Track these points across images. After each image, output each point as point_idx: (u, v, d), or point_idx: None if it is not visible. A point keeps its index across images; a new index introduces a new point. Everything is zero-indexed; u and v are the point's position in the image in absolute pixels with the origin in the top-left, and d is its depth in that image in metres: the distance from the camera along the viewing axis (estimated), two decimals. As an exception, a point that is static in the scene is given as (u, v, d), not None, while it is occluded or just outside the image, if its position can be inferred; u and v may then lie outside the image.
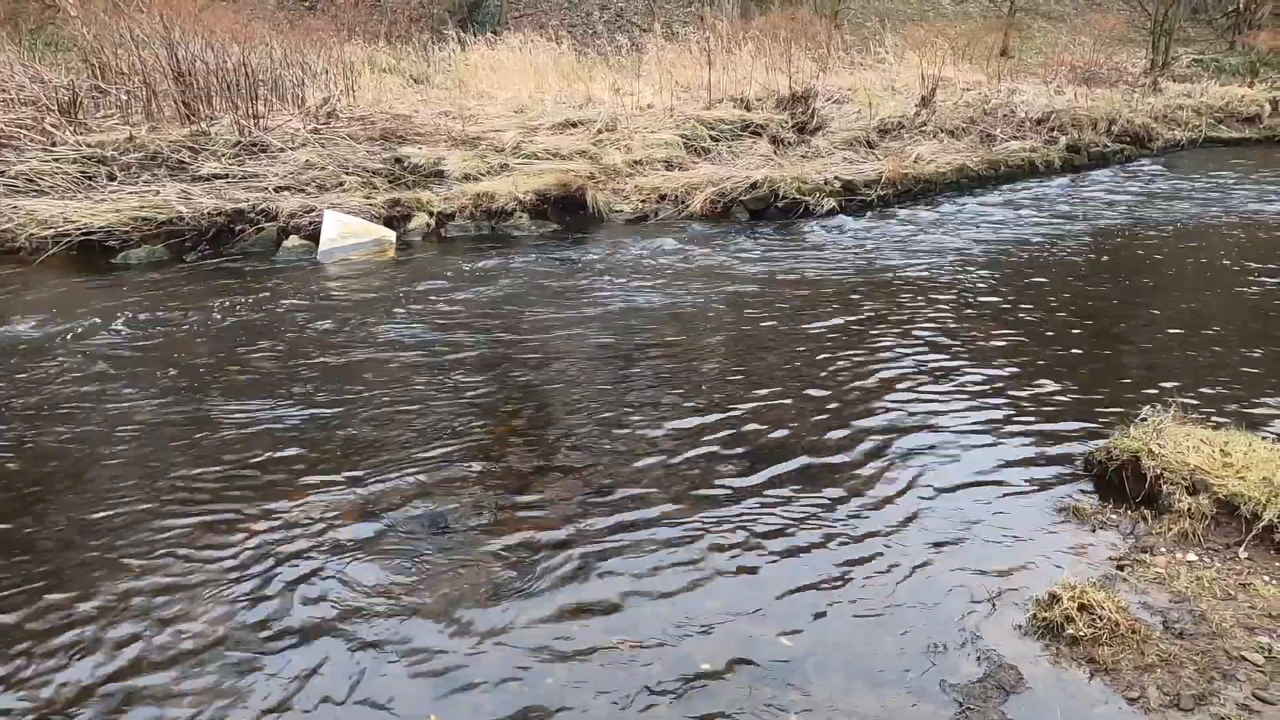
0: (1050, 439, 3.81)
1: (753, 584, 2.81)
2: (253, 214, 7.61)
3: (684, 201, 8.95)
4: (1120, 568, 2.84)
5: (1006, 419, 4.02)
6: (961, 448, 3.74)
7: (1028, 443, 3.78)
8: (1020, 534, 3.09)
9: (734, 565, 2.91)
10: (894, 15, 22.62)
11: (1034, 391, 4.33)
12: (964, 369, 4.63)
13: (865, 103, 12.59)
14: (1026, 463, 3.60)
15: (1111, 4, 24.77)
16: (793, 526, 3.13)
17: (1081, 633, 2.47)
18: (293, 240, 7.48)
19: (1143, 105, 15.29)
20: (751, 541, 3.04)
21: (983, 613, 2.65)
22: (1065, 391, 4.33)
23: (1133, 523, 3.12)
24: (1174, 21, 20.85)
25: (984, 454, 3.69)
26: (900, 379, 4.48)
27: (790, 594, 2.76)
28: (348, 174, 8.59)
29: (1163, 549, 2.93)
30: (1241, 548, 2.88)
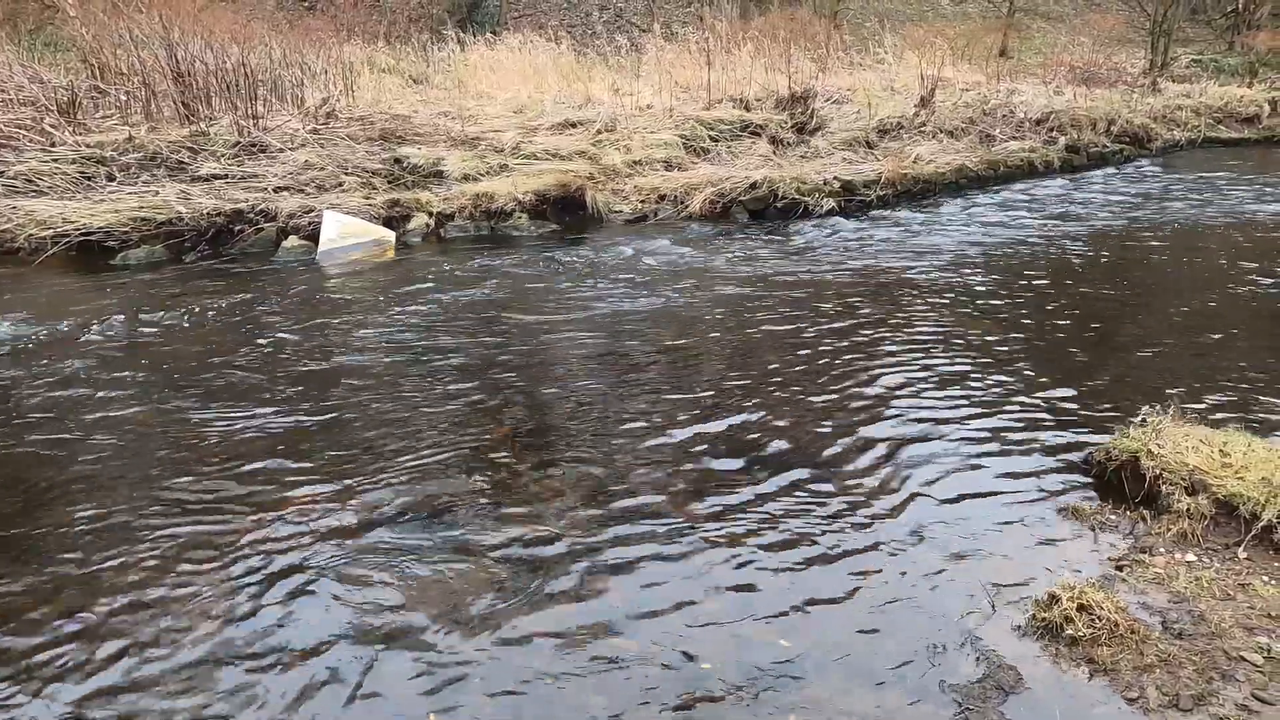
0: (1049, 439, 3.81)
1: (751, 585, 2.81)
2: (252, 214, 7.61)
3: (683, 202, 8.95)
4: (1119, 568, 2.84)
5: (1006, 419, 4.02)
6: (960, 448, 3.74)
7: (1027, 443, 3.78)
8: (1019, 534, 3.09)
9: (733, 566, 2.91)
10: (893, 15, 22.63)
11: (1033, 392, 4.33)
12: (963, 370, 4.64)
13: (864, 103, 12.60)
14: (1025, 463, 3.60)
15: (1110, 4, 24.79)
16: (792, 527, 3.13)
17: (1081, 633, 2.47)
18: (292, 240, 7.48)
19: (1142, 105, 15.30)
20: (750, 542, 3.04)
21: (982, 613, 2.65)
22: (1064, 392, 4.33)
23: (1132, 523, 3.12)
24: (1173, 22, 20.86)
25: (983, 455, 3.69)
26: (899, 380, 4.48)
27: (788, 595, 2.75)
28: (347, 174, 8.59)
29: (1162, 549, 2.93)
30: (1240, 548, 2.88)
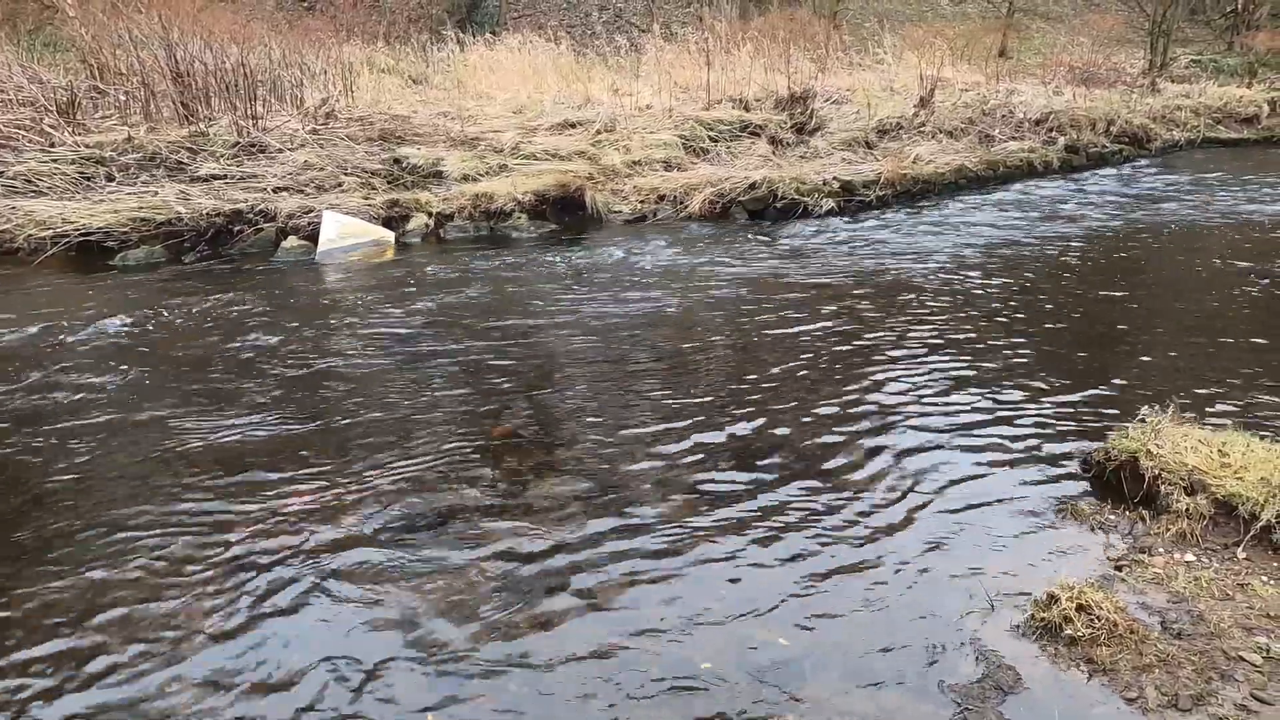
0: (1048, 439, 3.81)
1: (751, 585, 2.81)
2: (251, 215, 7.61)
3: (683, 202, 8.96)
4: (1118, 568, 2.84)
5: (1005, 420, 4.02)
6: (959, 449, 3.74)
7: (1026, 443, 3.78)
8: (1018, 534, 3.09)
9: (732, 566, 2.91)
10: (892, 16, 22.63)
11: (1032, 392, 4.33)
12: (962, 370, 4.64)
13: (864, 103, 12.60)
14: (1025, 463, 3.60)
15: (1110, 5, 24.79)
16: (791, 527, 3.13)
17: (1080, 633, 2.47)
18: (291, 241, 7.48)
19: (1141, 106, 15.31)
20: (750, 543, 3.04)
21: (981, 613, 2.65)
22: (1064, 392, 4.33)
23: (1131, 523, 3.12)
24: (1172, 22, 20.87)
25: (982, 455, 3.69)
26: (898, 380, 4.48)
27: (788, 595, 2.76)
28: (346, 174, 8.59)
29: (1161, 549, 2.93)
30: (1239, 548, 2.88)
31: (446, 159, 9.16)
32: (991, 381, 4.48)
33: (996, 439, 3.83)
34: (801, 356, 4.83)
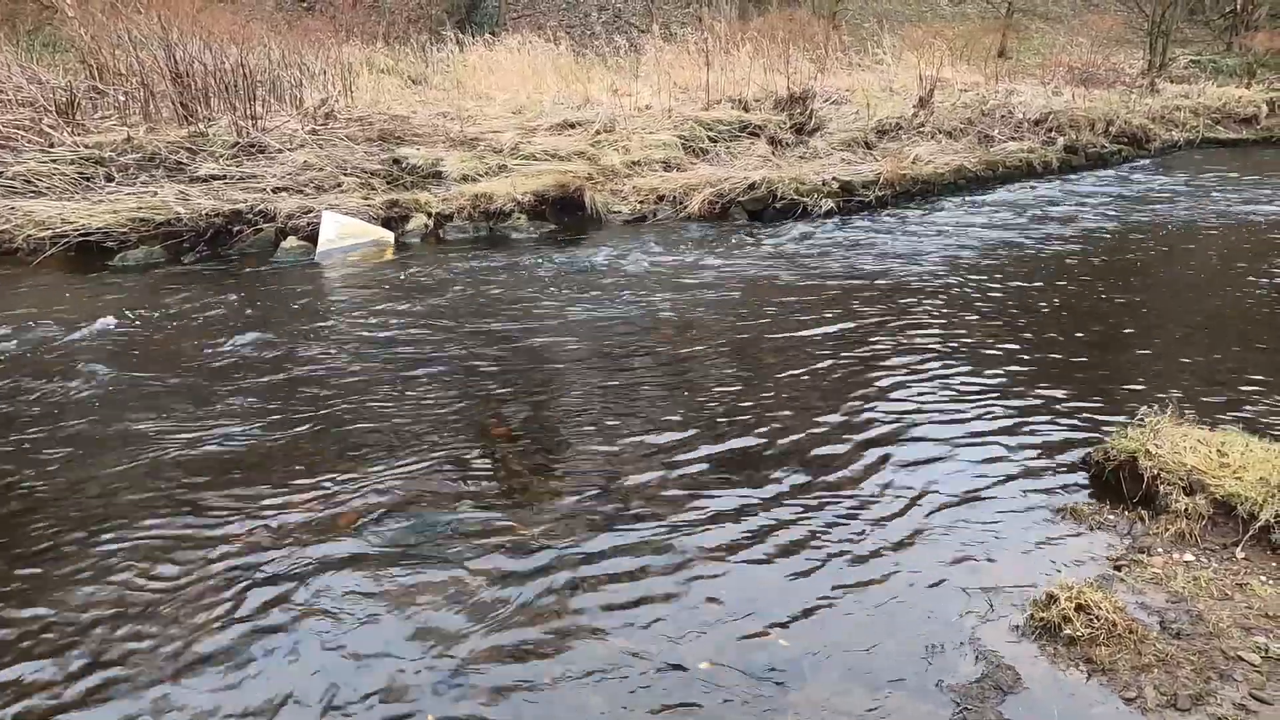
0: (1048, 440, 3.81)
1: (750, 585, 2.81)
2: (251, 215, 7.61)
3: (682, 202, 8.96)
4: (1117, 568, 2.85)
5: (1004, 420, 4.02)
6: (959, 449, 3.74)
7: (1025, 443, 3.78)
8: (1017, 534, 3.09)
9: (731, 567, 2.91)
10: (892, 16, 22.64)
11: (1031, 392, 4.33)
12: (961, 371, 4.64)
13: (863, 103, 12.61)
14: (1024, 463, 3.61)
15: (1109, 5, 24.81)
16: (790, 527, 3.13)
17: (1079, 633, 2.47)
18: (291, 241, 7.48)
19: (1140, 106, 15.32)
20: (748, 543, 3.04)
21: (980, 613, 2.65)
22: (1063, 392, 4.33)
23: (1130, 523, 3.12)
24: (1171, 22, 20.89)
25: (981, 455, 3.69)
26: (897, 381, 4.49)
27: (787, 595, 2.76)
28: (346, 175, 8.59)
29: (1160, 549, 2.93)
30: (1238, 548, 2.89)
31: (446, 159, 9.16)
32: (990, 382, 4.48)
33: (996, 439, 3.83)
34: (800, 357, 4.83)
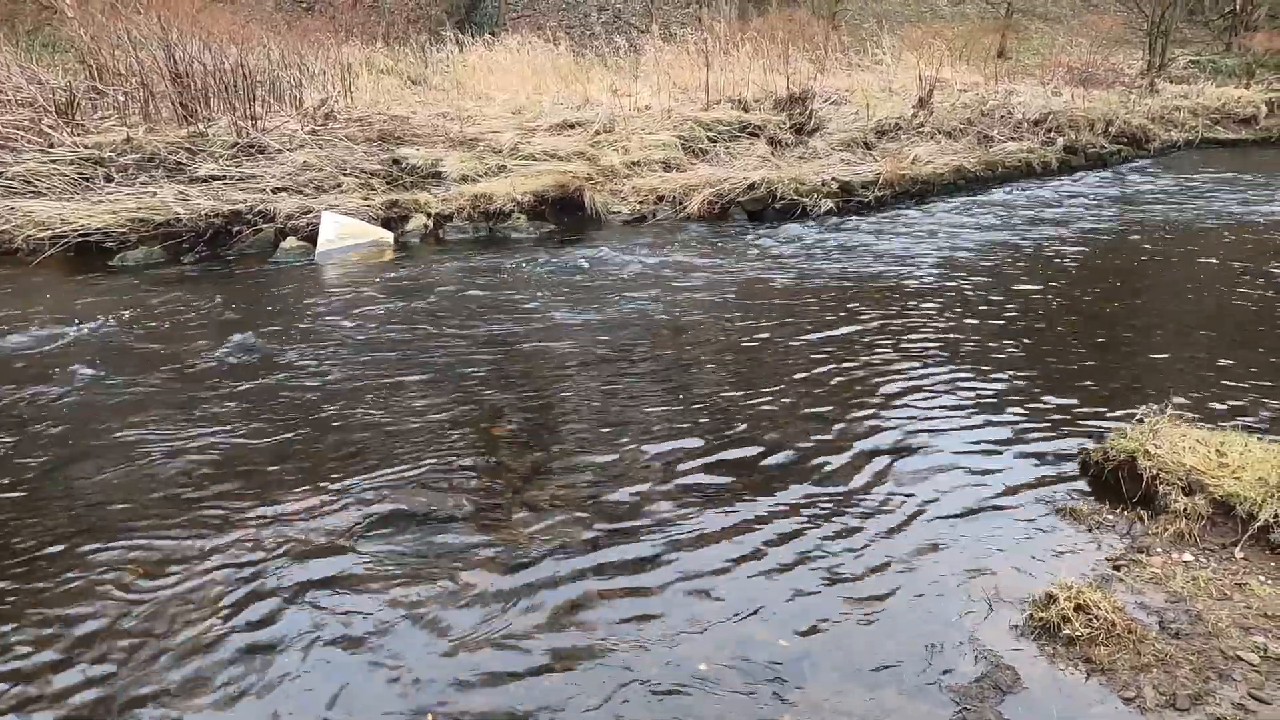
0: (1047, 440, 3.81)
1: (749, 585, 2.81)
2: (250, 215, 7.61)
3: (682, 203, 8.96)
4: (1117, 568, 2.85)
5: (1002, 420, 4.02)
6: (958, 449, 3.74)
7: (1024, 444, 3.78)
8: (1017, 534, 3.09)
9: (729, 567, 2.90)
10: (891, 16, 22.65)
11: (1030, 393, 4.34)
12: (960, 371, 4.64)
13: (863, 104, 12.62)
14: (1023, 464, 3.61)
15: (1108, 5, 24.83)
16: (789, 527, 3.13)
17: (1078, 633, 2.47)
18: (290, 241, 7.48)
19: (1139, 106, 15.33)
20: (747, 543, 3.04)
21: (979, 613, 2.65)
22: (1062, 392, 4.33)
23: (1129, 523, 3.12)
24: (1170, 23, 20.90)
25: (980, 455, 3.69)
26: (896, 381, 4.49)
27: (786, 595, 2.76)
28: (345, 175, 8.60)
29: (1159, 549, 2.93)
30: (1237, 548, 2.89)
31: (445, 159, 9.16)
32: (990, 382, 4.48)
33: (995, 439, 3.83)
34: (799, 358, 4.83)
